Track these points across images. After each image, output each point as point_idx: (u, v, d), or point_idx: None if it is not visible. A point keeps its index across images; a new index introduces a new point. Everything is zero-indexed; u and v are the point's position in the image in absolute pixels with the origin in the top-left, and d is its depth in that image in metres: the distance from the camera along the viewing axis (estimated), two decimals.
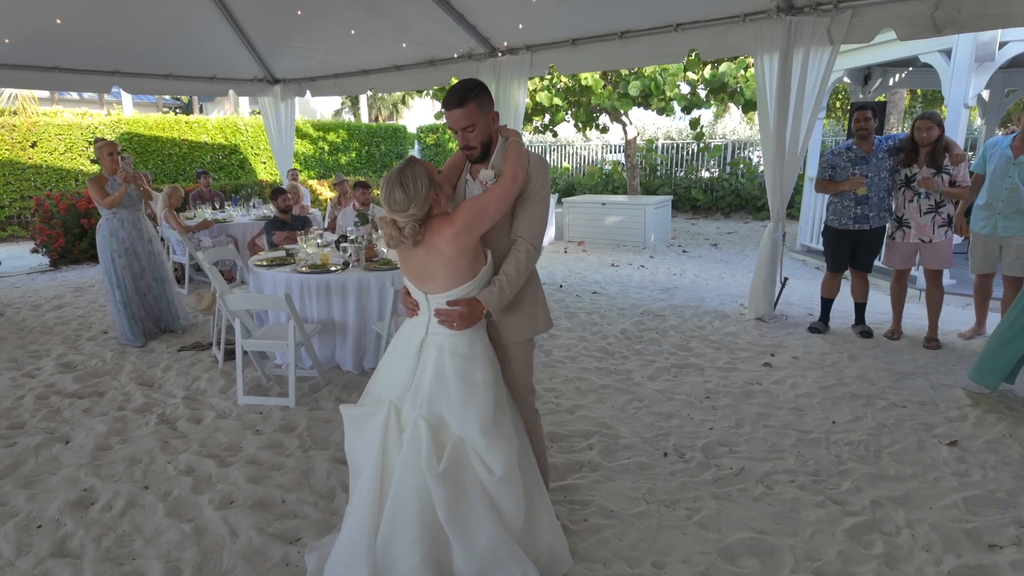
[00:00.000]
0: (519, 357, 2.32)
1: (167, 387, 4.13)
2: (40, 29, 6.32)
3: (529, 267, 2.18)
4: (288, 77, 9.18)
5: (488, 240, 2.18)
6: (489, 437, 2.05)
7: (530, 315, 2.29)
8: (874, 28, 4.57)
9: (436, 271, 2.08)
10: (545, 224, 2.22)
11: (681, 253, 9.18)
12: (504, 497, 2.05)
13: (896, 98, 12.52)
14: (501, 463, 2.04)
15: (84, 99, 22.16)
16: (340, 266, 4.39)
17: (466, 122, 2.11)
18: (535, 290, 2.32)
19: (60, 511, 2.71)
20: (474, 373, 2.10)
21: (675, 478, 2.93)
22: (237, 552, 2.42)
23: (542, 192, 2.18)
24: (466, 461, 2.05)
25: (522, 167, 2.10)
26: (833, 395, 3.88)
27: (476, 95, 2.11)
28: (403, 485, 2.02)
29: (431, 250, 2.06)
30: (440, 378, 2.09)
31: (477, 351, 2.14)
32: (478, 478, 2.05)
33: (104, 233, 4.92)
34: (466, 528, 2.01)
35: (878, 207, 4.76)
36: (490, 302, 2.11)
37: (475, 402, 2.07)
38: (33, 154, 11.73)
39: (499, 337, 2.27)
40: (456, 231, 2.02)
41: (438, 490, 1.97)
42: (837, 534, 2.50)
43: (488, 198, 2.07)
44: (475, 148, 2.17)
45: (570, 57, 6.39)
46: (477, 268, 2.09)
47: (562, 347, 4.84)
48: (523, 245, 2.16)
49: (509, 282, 2.13)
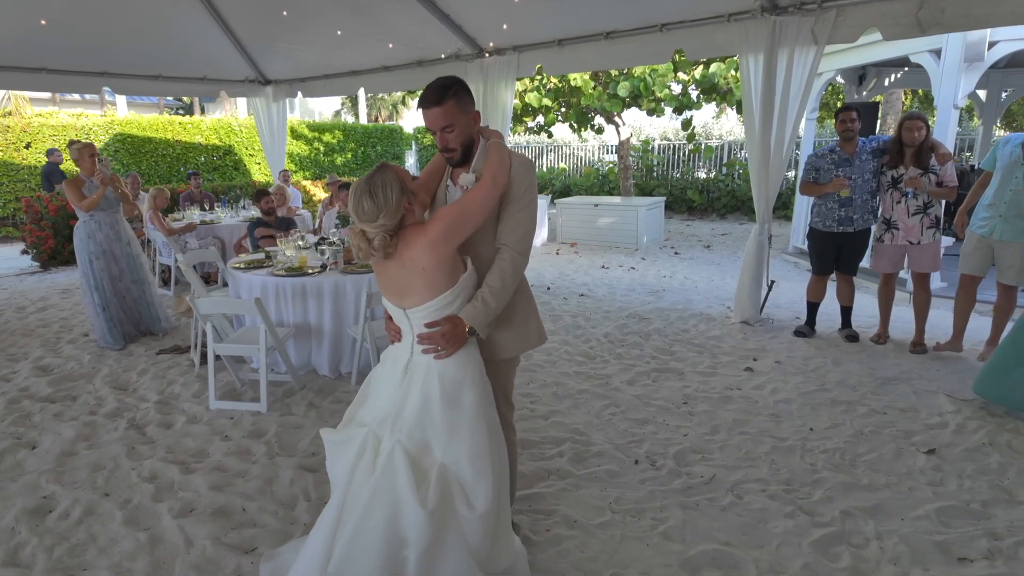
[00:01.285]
0: (506, 373, 2.22)
1: (141, 391, 4.10)
2: (26, 30, 6.30)
3: (516, 277, 2.04)
4: (279, 78, 9.15)
5: (471, 248, 2.05)
6: (478, 470, 1.92)
7: (523, 329, 2.16)
8: (859, 28, 4.52)
9: (412, 284, 1.95)
10: (532, 230, 2.08)
11: (673, 255, 9.12)
12: (477, 533, 1.94)
13: (893, 98, 12.45)
14: (485, 499, 1.92)
15: (85, 100, 22.21)
16: (317, 269, 4.34)
17: (444, 122, 1.97)
18: (527, 301, 2.19)
19: (16, 519, 2.66)
20: (463, 396, 1.96)
21: (644, 486, 2.88)
22: (190, 562, 2.38)
23: (527, 196, 2.05)
24: (449, 493, 1.92)
25: (503, 170, 1.97)
26: (813, 401, 3.82)
27: (455, 93, 1.97)
28: (370, 511, 1.89)
29: (406, 262, 1.93)
30: (426, 402, 1.95)
31: (468, 373, 1.97)
32: (455, 511, 1.92)
33: (81, 235, 4.88)
34: (437, 563, 1.90)
35: (862, 209, 4.70)
36: (474, 319, 1.96)
37: (463, 430, 1.93)
38: (27, 155, 11.73)
39: (490, 354, 2.12)
40: (431, 241, 1.88)
41: (423, 526, 1.83)
42: (804, 546, 2.44)
43: (466, 204, 1.94)
44: (455, 150, 2.03)
45: (557, 57, 6.34)
46: (456, 277, 1.96)
47: (543, 351, 4.79)
48: (508, 253, 2.02)
49: (494, 295, 1.98)
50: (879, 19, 4.39)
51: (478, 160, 2.08)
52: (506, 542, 2.11)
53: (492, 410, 2.05)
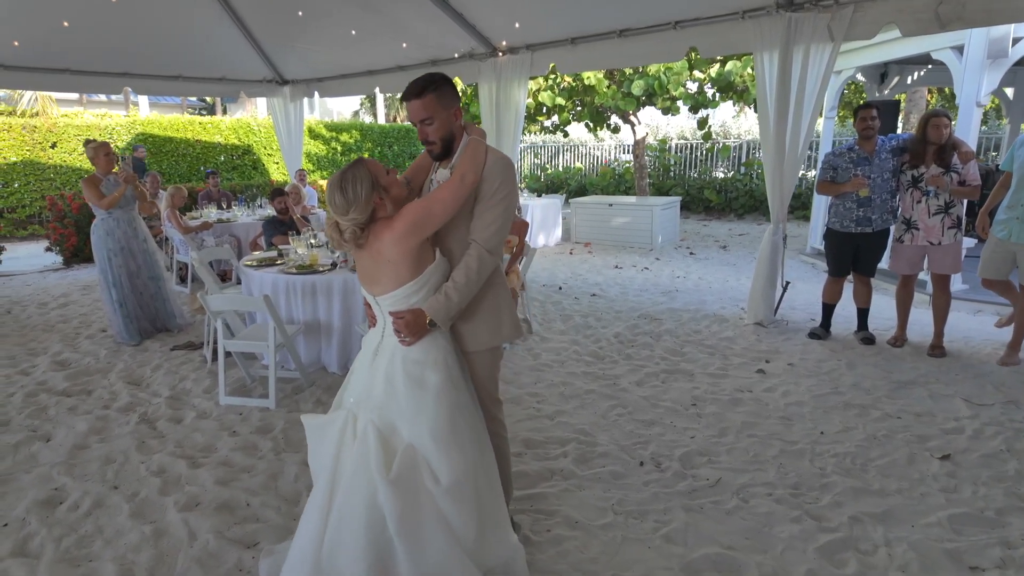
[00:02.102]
0: (482, 366, 2.24)
1: (154, 386, 4.16)
2: (49, 32, 6.43)
3: (483, 273, 2.08)
4: (296, 78, 9.24)
5: (443, 242, 2.11)
6: (440, 444, 1.98)
7: (493, 323, 2.20)
8: (876, 24, 4.42)
9: (379, 274, 2.04)
10: (504, 228, 2.11)
11: (688, 255, 9.03)
12: (451, 509, 1.97)
13: (916, 97, 12.20)
14: (448, 473, 1.97)
15: (111, 101, 22.67)
16: (328, 267, 4.37)
17: (424, 114, 2.04)
18: (497, 297, 2.22)
19: (27, 510, 2.72)
20: (426, 378, 2.03)
21: (647, 488, 2.85)
22: (192, 556, 2.40)
23: (500, 194, 2.07)
24: (417, 469, 1.98)
25: (473, 168, 2.02)
26: (825, 404, 3.75)
27: (436, 87, 2.04)
28: (350, 493, 1.96)
29: (375, 254, 2.02)
30: (391, 383, 2.04)
31: (431, 356, 2.06)
32: (426, 488, 1.97)
33: (100, 233, 4.97)
34: (416, 540, 1.93)
35: (881, 209, 4.60)
36: (436, 311, 2.03)
37: (426, 408, 2.00)
38: (53, 154, 12.00)
39: (461, 344, 2.20)
40: (396, 236, 1.96)
41: (389, 497, 1.89)
42: (809, 551, 2.40)
43: (432, 201, 2.00)
44: (435, 144, 2.09)
45: (570, 56, 6.32)
46: (422, 268, 2.03)
47: (552, 351, 4.77)
48: (476, 250, 2.07)
49: (457, 290, 2.04)
50: (897, 15, 4.30)
51: (458, 156, 2.12)
52: (497, 533, 2.11)
53: (459, 394, 2.09)
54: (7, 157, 11.48)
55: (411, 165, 2.32)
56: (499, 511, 2.15)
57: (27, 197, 11.71)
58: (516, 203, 2.20)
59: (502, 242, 2.14)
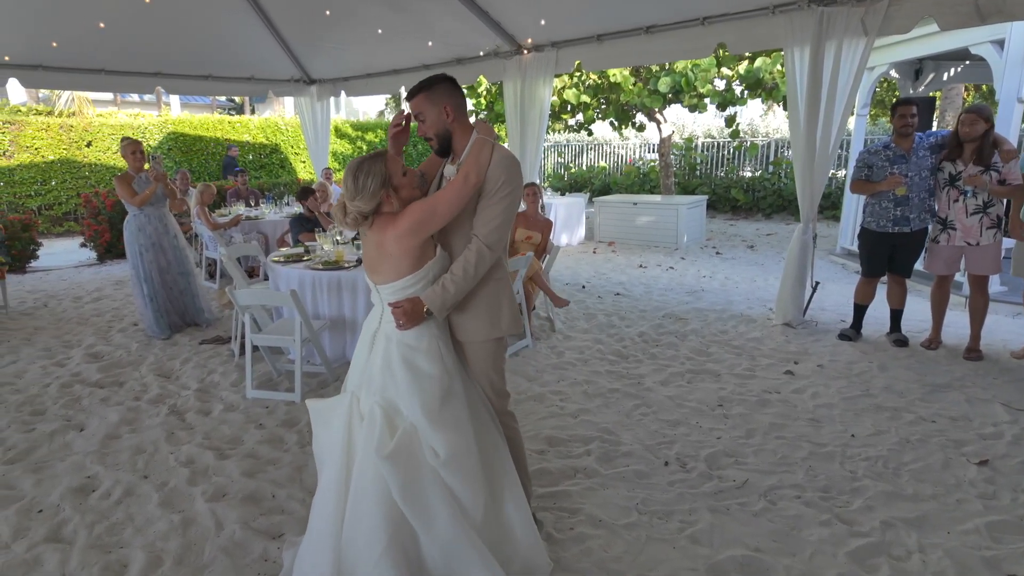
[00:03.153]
0: (480, 357, 2.25)
1: (183, 379, 4.23)
2: (85, 33, 6.60)
3: (481, 268, 2.11)
4: (323, 77, 9.35)
5: (447, 237, 2.16)
6: (433, 421, 2.03)
7: (491, 316, 2.22)
8: (913, 18, 4.31)
9: (380, 265, 2.10)
10: (506, 224, 2.14)
11: (714, 255, 8.91)
12: (455, 482, 2.02)
13: (953, 94, 11.87)
14: (445, 447, 2.01)
15: (144, 101, 23.22)
16: (353, 263, 4.41)
17: (415, 110, 2.16)
18: (498, 291, 2.24)
19: (62, 497, 2.79)
20: (419, 363, 2.08)
21: (673, 488, 2.81)
22: (219, 545, 2.44)
23: (503, 191, 2.10)
24: (417, 444, 2.04)
25: (477, 167, 2.05)
26: (856, 407, 3.66)
27: (428, 87, 2.13)
28: (363, 473, 2.01)
29: (378, 245, 2.08)
30: (388, 366, 2.09)
31: (423, 343, 2.10)
32: (427, 464, 2.03)
33: (132, 229, 5.08)
34: (423, 509, 1.98)
35: (919, 208, 4.48)
36: (432, 301, 2.07)
37: (419, 390, 2.05)
38: (88, 153, 12.32)
39: (458, 334, 2.24)
40: (399, 233, 2.02)
41: (388, 471, 1.95)
42: (839, 556, 2.34)
43: (436, 201, 2.05)
44: (431, 139, 2.18)
45: (596, 53, 6.27)
46: (423, 262, 2.08)
47: (575, 349, 4.74)
48: (476, 245, 2.10)
49: (454, 282, 2.09)
50: (935, 8, 4.17)
51: (465, 154, 2.16)
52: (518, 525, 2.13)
53: (452, 381, 2.12)
54: (45, 156, 11.82)
55: (427, 159, 2.36)
56: (516, 499, 2.15)
57: (63, 195, 12.04)
58: (519, 201, 2.23)
59: (503, 238, 2.17)
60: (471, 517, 2.02)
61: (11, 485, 2.89)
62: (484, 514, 2.05)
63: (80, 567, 2.32)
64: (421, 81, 2.15)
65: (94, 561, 2.35)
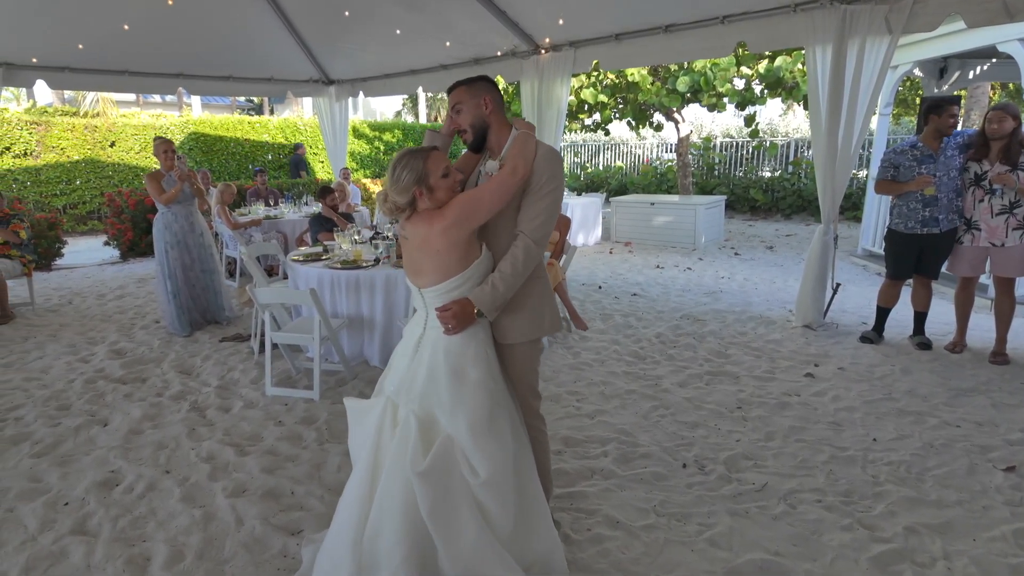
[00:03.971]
0: (522, 359, 2.23)
1: (204, 376, 4.29)
2: (110, 35, 6.72)
3: (529, 265, 2.09)
4: (342, 78, 9.41)
5: (490, 234, 2.12)
6: (478, 438, 1.98)
7: (535, 315, 2.20)
8: (938, 15, 4.23)
9: (425, 265, 2.05)
10: (551, 220, 2.12)
11: (733, 256, 8.83)
12: (490, 501, 1.98)
13: (979, 93, 11.63)
14: (487, 467, 1.97)
15: (166, 102, 23.58)
16: (371, 262, 4.43)
17: (453, 101, 2.16)
18: (542, 289, 2.22)
19: (87, 490, 2.84)
20: (467, 371, 2.03)
21: (691, 491, 2.79)
22: (239, 541, 2.46)
23: (549, 186, 2.09)
24: (453, 460, 1.99)
25: (524, 160, 2.03)
26: (878, 410, 3.60)
27: (469, 82, 2.17)
28: (390, 480, 1.99)
29: (421, 243, 2.03)
30: (432, 375, 2.05)
31: (471, 350, 2.06)
32: (462, 479, 1.99)
33: (159, 226, 5.18)
34: (448, 527, 1.95)
35: (948, 208, 4.39)
36: (482, 301, 2.03)
37: (465, 401, 2.01)
38: (112, 153, 12.54)
39: (501, 337, 2.19)
40: (446, 225, 1.97)
41: (419, 488, 1.92)
42: (861, 561, 2.30)
43: (482, 192, 2.02)
44: (466, 132, 2.17)
45: (614, 52, 6.24)
46: (469, 261, 2.03)
47: (592, 349, 4.72)
48: (523, 241, 2.08)
49: (503, 280, 2.05)
50: (962, 5, 4.10)
51: (507, 149, 2.15)
52: (538, 526, 2.10)
53: (498, 388, 2.09)
54: (70, 156, 12.05)
55: (459, 158, 2.35)
56: (539, 504, 2.13)
57: (87, 194, 12.26)
58: (563, 196, 2.20)
59: (548, 234, 2.14)
60: (499, 532, 1.99)
61: (38, 478, 2.95)
62: (512, 528, 2.01)
63: (105, 560, 2.36)
64: (458, 81, 2.19)
65: (118, 554, 2.39)
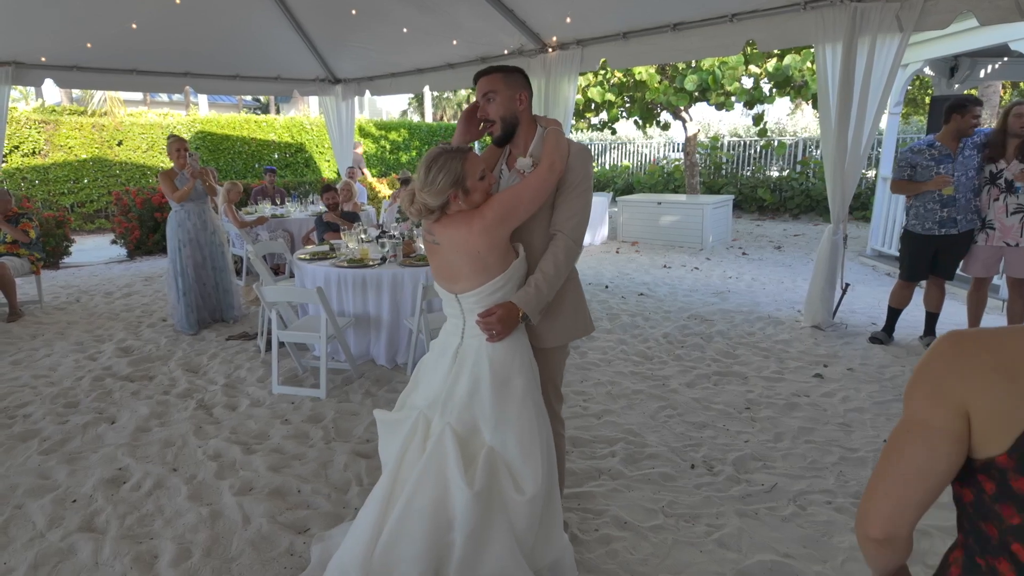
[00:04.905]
0: (555, 362, 2.21)
1: (210, 374, 4.30)
2: (118, 34, 6.74)
3: (569, 265, 2.04)
4: (348, 77, 9.42)
5: (525, 234, 2.05)
6: (525, 452, 1.91)
7: (572, 318, 2.16)
8: (950, 13, 4.19)
9: (463, 269, 1.95)
10: (586, 219, 2.09)
11: (740, 255, 8.79)
12: (526, 518, 1.91)
13: (989, 92, 11.55)
14: (533, 483, 1.90)
15: (172, 101, 23.68)
16: (378, 261, 4.43)
17: (487, 87, 2.05)
18: (577, 290, 2.19)
19: (94, 488, 2.84)
20: (513, 381, 1.96)
21: (699, 492, 2.77)
22: (246, 539, 2.46)
23: (584, 184, 2.06)
24: (497, 476, 1.92)
25: (560, 156, 1.99)
26: (888, 411, 3.57)
27: (505, 70, 2.08)
28: (417, 494, 1.89)
29: (457, 247, 1.93)
30: (476, 385, 1.96)
31: (517, 359, 1.98)
32: (502, 493, 1.91)
33: (172, 224, 5.21)
34: (480, 545, 1.88)
35: (966, 209, 4.33)
36: (527, 304, 1.96)
37: (512, 413, 1.93)
38: (119, 152, 12.58)
39: (538, 341, 2.11)
40: (487, 225, 1.89)
41: (472, 508, 1.83)
42: None
43: (522, 189, 1.95)
44: (494, 122, 2.08)
45: (622, 51, 6.21)
46: (507, 262, 1.96)
47: (598, 349, 4.70)
48: (562, 241, 2.02)
49: (547, 281, 1.98)
50: (974, 2, 4.05)
51: (536, 146, 2.10)
52: (554, 534, 2.07)
53: (539, 396, 2.04)
54: (78, 155, 12.10)
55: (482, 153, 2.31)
56: (558, 515, 2.10)
57: (95, 192, 12.31)
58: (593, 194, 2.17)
59: (584, 232, 2.10)
60: (522, 545, 1.93)
61: (47, 475, 2.96)
62: (534, 539, 1.96)
63: (113, 557, 2.36)
64: (492, 66, 2.10)
65: (126, 551, 2.39)
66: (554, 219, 2.06)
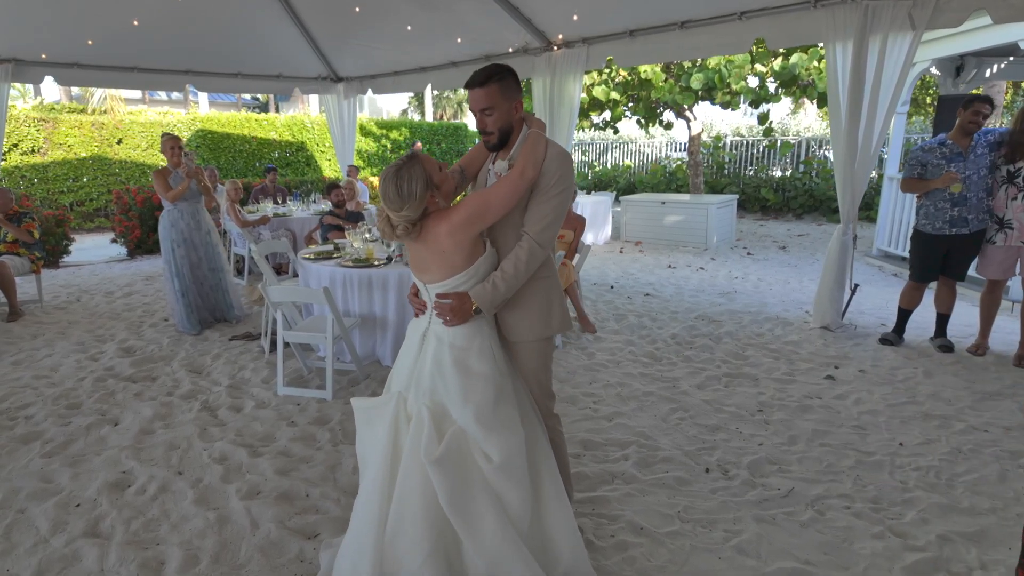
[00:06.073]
0: (530, 357, 2.20)
1: (214, 375, 4.24)
2: (119, 31, 6.68)
3: (531, 266, 2.06)
4: (351, 75, 9.36)
5: (497, 233, 2.10)
6: (486, 425, 1.97)
7: (543, 314, 2.17)
8: (964, 11, 4.14)
9: (431, 263, 2.04)
10: (557, 222, 2.08)
11: (745, 255, 8.74)
12: (506, 488, 1.96)
13: (994, 91, 11.49)
14: (499, 451, 1.95)
15: (172, 100, 23.60)
16: (383, 261, 4.38)
17: (485, 103, 2.01)
18: (548, 288, 2.19)
19: (99, 491, 2.79)
20: (471, 365, 2.03)
21: (715, 496, 2.72)
22: (255, 544, 2.41)
23: (558, 188, 2.05)
24: (466, 449, 1.99)
25: (533, 163, 1.99)
26: (902, 414, 3.53)
27: (500, 78, 2.02)
28: (408, 476, 1.97)
29: (428, 243, 2.02)
30: (439, 368, 2.04)
31: (475, 344, 2.05)
32: (480, 468, 1.97)
33: (166, 224, 5.12)
34: (469, 517, 1.93)
35: (977, 208, 4.28)
36: (480, 299, 2.02)
37: (472, 394, 2.00)
38: (119, 150, 12.51)
39: (508, 334, 2.18)
40: (452, 228, 1.96)
41: (436, 476, 1.90)
42: (895, 570, 2.23)
43: (490, 194, 1.99)
44: (492, 134, 2.08)
45: (628, 49, 6.17)
46: (474, 258, 2.02)
47: (606, 350, 4.66)
48: (527, 242, 2.05)
49: (504, 280, 2.03)
50: (988, 0, 4.01)
51: (516, 148, 2.10)
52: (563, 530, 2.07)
53: (504, 381, 2.08)
54: (78, 153, 12.03)
55: (467, 153, 2.31)
56: (561, 503, 2.09)
57: (95, 191, 12.23)
58: (571, 198, 2.15)
59: (554, 236, 2.11)
60: (518, 525, 1.97)
61: (49, 479, 2.91)
62: (530, 521, 1.99)
63: (119, 563, 2.31)
64: (488, 69, 2.01)
65: (132, 557, 2.33)
66: (525, 220, 2.08)
